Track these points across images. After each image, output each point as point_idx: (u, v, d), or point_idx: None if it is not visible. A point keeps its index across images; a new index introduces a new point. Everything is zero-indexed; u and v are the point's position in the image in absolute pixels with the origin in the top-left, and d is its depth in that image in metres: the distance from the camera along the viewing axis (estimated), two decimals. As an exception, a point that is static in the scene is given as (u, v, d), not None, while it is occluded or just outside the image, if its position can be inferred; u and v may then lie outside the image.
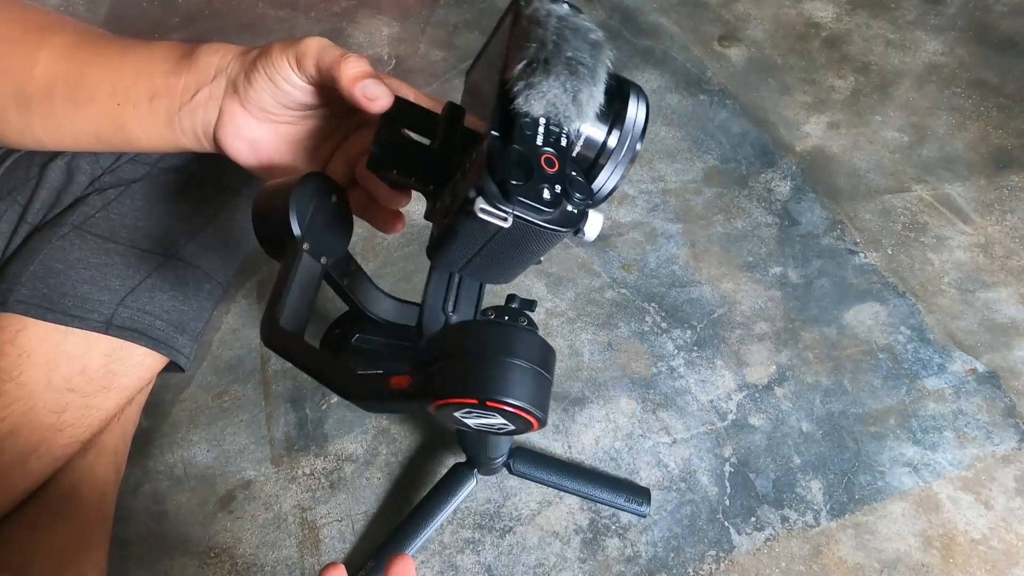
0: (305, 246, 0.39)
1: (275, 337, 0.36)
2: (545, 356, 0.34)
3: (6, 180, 0.59)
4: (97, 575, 0.58)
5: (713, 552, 0.70)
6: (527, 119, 0.31)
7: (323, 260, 0.41)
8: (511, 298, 0.44)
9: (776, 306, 0.90)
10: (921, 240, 0.98)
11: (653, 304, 0.89)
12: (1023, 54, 1.28)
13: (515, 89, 0.31)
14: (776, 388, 0.82)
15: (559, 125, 0.32)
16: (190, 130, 0.46)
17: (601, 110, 0.33)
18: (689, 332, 0.87)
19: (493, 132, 0.31)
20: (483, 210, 0.30)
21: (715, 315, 0.89)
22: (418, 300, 0.42)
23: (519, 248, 0.33)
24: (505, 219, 0.30)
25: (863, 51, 1.28)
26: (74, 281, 0.58)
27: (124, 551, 0.68)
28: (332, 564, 0.37)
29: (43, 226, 0.60)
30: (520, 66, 0.31)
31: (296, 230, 0.39)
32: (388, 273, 0.91)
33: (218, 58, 0.45)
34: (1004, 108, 1.17)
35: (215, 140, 0.46)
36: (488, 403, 0.32)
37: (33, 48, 0.46)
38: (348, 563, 0.68)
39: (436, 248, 0.36)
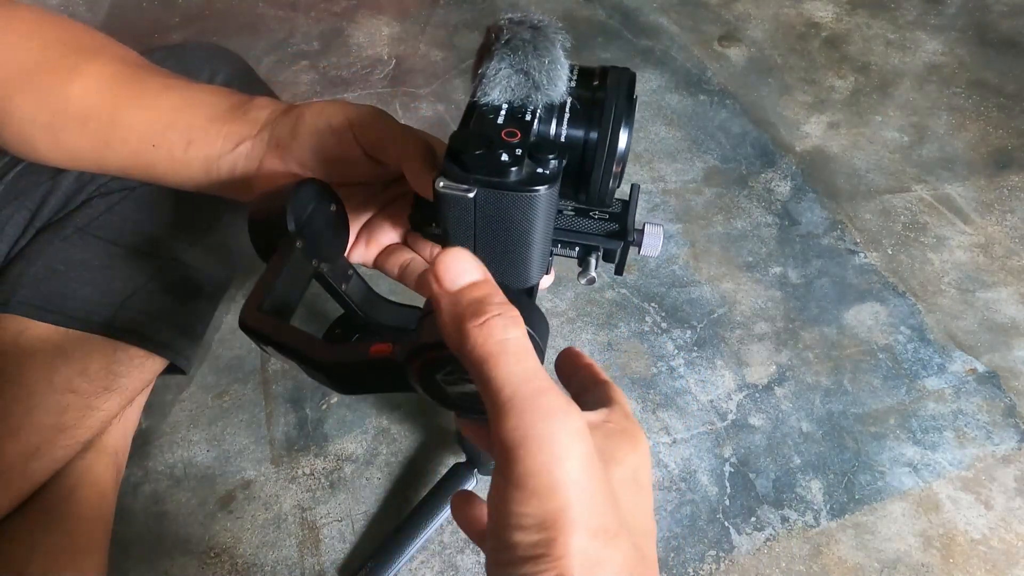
0: (298, 244, 0.38)
1: (251, 320, 0.35)
2: (535, 316, 0.32)
3: (15, 185, 0.59)
4: (97, 575, 0.58)
5: (713, 552, 0.70)
6: (486, 107, 0.32)
7: (315, 263, 0.40)
8: None
9: (776, 306, 0.90)
10: (921, 240, 0.98)
11: (653, 304, 0.90)
12: (1023, 54, 1.28)
13: (473, 86, 0.32)
14: (776, 388, 0.82)
15: (523, 106, 0.32)
16: (227, 179, 0.45)
17: (570, 86, 0.33)
18: (689, 332, 0.87)
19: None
20: (445, 186, 0.29)
21: (715, 315, 0.89)
22: (419, 302, 0.41)
23: (512, 226, 0.31)
24: (469, 189, 0.29)
25: (863, 51, 1.28)
26: (76, 283, 0.58)
27: (124, 551, 0.68)
28: None
29: (47, 227, 0.60)
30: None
31: (291, 225, 0.37)
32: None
33: (266, 113, 0.44)
34: (1004, 108, 1.17)
35: (252, 191, 0.45)
36: None
37: (68, 78, 0.45)
38: (348, 563, 0.68)
39: None
